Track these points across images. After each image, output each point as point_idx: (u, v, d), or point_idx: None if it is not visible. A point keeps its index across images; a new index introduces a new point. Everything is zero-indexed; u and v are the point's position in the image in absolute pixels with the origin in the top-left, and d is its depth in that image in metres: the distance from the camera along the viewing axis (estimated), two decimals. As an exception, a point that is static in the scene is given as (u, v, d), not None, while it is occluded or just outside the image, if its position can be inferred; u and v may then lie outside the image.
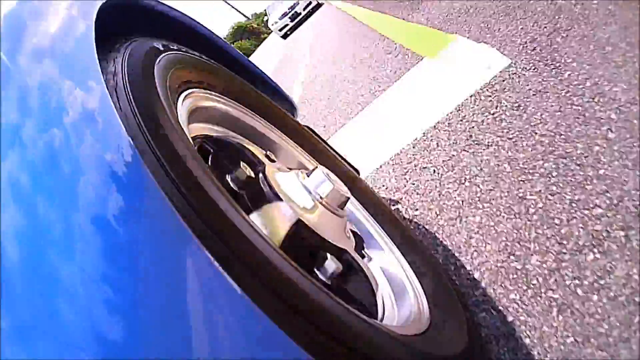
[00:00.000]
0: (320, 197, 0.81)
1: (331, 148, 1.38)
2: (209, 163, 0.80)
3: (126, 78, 0.65)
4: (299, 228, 0.76)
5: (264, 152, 0.98)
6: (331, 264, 0.74)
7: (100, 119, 0.54)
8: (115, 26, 0.81)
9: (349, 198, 0.84)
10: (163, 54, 0.80)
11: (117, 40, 0.78)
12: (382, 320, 0.84)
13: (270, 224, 0.74)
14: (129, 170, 0.50)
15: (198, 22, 1.12)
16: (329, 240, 0.79)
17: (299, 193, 0.80)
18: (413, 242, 1.09)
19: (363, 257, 0.97)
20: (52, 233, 0.43)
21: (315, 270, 0.76)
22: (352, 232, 1.01)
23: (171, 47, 0.89)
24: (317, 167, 0.86)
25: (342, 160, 1.36)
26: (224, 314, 0.44)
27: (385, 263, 1.02)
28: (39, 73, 0.56)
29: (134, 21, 0.91)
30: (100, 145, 0.50)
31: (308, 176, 0.84)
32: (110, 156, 0.50)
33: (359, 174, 1.48)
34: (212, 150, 0.84)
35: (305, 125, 1.38)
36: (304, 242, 0.77)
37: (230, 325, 0.45)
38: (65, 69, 0.58)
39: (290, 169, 0.97)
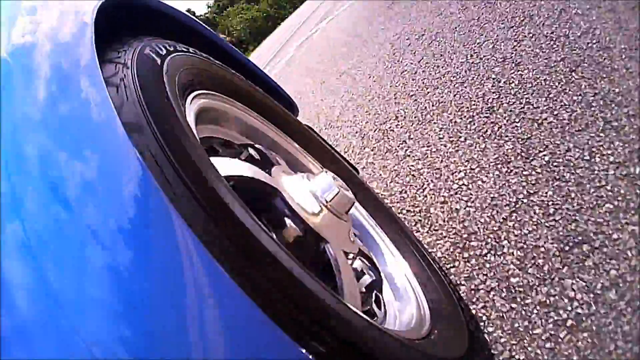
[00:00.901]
0: (326, 202, 0.81)
1: (330, 147, 1.39)
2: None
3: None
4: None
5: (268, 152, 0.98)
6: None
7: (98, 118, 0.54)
8: (114, 26, 0.81)
9: (354, 203, 0.85)
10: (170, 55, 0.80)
11: (119, 41, 0.78)
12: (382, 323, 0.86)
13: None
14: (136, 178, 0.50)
15: (197, 20, 1.12)
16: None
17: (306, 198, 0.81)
18: (412, 241, 1.10)
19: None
20: (58, 241, 0.43)
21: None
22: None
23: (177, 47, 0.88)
24: (323, 170, 0.87)
25: (341, 159, 1.37)
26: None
27: (385, 263, 1.03)
28: (39, 72, 0.56)
29: (131, 20, 0.90)
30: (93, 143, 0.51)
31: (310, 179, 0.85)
32: (99, 150, 0.50)
33: (358, 173, 1.49)
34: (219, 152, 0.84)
35: (306, 125, 1.39)
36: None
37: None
38: (65, 69, 0.58)
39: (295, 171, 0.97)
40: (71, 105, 0.54)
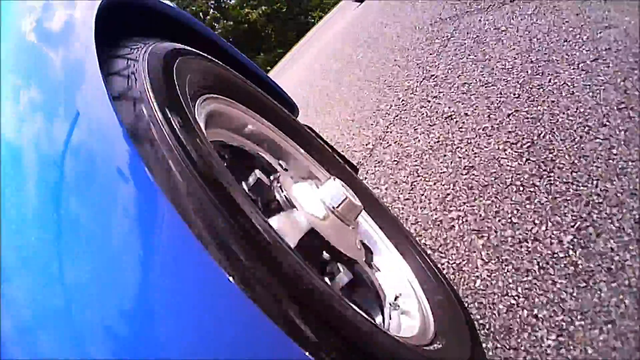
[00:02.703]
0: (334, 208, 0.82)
1: (330, 147, 1.40)
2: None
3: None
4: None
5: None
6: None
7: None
8: (113, 26, 0.80)
9: (362, 209, 0.86)
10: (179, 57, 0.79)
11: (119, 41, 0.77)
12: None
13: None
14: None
15: (197, 21, 1.11)
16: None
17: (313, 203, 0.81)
18: (411, 243, 1.11)
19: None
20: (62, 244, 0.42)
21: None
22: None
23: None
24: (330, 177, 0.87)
25: (341, 159, 1.37)
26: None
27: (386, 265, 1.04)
28: (39, 73, 0.55)
29: (131, 20, 0.89)
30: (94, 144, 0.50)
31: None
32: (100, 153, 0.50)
33: (357, 172, 1.50)
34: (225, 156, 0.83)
35: (306, 125, 1.39)
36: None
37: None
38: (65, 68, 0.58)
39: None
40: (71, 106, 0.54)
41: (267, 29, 22.76)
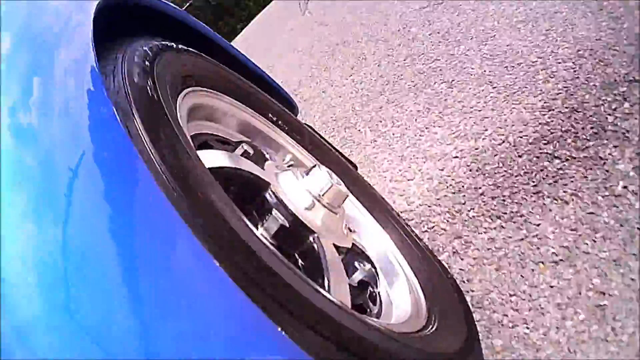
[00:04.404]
0: (320, 196, 0.81)
1: (330, 145, 1.39)
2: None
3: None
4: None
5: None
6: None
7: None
8: (112, 25, 0.82)
9: (347, 195, 0.85)
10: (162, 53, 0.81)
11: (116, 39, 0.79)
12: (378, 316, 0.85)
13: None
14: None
15: (195, 19, 1.12)
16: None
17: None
18: (410, 236, 1.09)
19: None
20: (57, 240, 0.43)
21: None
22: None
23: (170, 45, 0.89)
24: (315, 165, 0.86)
25: (340, 156, 1.36)
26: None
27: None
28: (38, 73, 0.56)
29: (130, 19, 0.91)
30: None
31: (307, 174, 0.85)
32: (103, 152, 0.51)
33: (356, 169, 1.48)
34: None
35: (305, 124, 1.39)
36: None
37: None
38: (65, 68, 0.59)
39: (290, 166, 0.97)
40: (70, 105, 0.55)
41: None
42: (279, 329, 0.46)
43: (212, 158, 0.76)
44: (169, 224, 0.47)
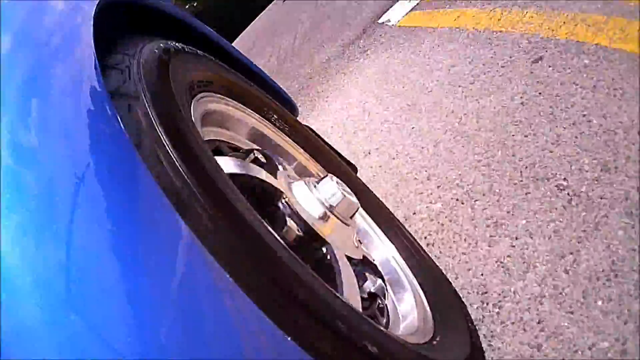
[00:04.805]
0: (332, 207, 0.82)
1: (330, 146, 1.39)
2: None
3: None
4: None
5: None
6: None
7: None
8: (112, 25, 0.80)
9: (359, 207, 0.86)
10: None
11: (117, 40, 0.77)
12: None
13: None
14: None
15: (195, 19, 1.11)
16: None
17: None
18: (412, 243, 1.11)
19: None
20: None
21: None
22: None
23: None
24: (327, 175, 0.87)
25: (340, 158, 1.37)
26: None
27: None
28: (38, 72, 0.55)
29: (130, 19, 0.89)
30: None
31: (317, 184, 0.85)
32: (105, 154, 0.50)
33: (356, 172, 1.49)
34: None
35: (306, 125, 1.38)
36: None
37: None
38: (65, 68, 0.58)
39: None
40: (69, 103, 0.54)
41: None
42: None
43: (227, 166, 0.75)
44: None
